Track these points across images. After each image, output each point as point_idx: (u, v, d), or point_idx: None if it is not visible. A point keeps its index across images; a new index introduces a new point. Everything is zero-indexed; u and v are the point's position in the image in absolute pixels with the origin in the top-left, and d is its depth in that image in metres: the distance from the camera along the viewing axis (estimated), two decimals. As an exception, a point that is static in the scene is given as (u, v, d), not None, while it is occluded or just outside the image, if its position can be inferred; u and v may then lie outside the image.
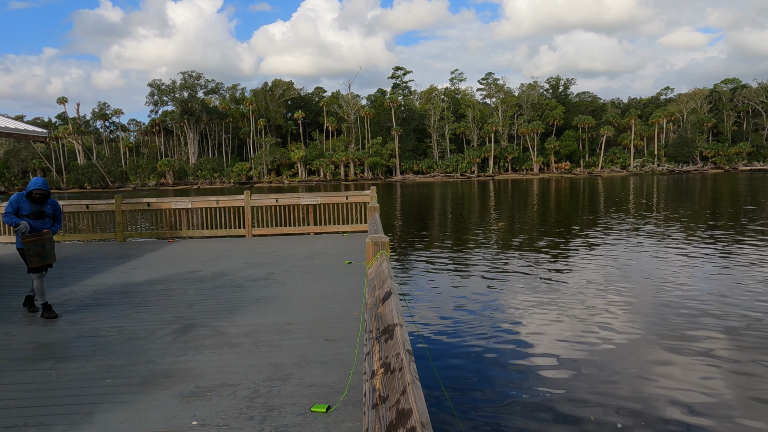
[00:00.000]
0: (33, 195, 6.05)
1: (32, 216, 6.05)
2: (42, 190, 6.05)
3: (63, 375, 4.23)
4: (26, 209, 6.04)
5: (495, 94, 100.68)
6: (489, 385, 6.39)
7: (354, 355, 4.43)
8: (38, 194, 6.05)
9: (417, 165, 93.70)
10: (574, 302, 9.84)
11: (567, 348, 7.50)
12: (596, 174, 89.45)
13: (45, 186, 6.12)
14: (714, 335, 7.83)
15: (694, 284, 11.00)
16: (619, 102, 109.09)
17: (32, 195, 6.05)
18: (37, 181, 6.10)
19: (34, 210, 6.07)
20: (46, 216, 6.19)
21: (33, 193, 6.06)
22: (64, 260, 9.67)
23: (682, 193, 40.20)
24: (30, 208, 6.05)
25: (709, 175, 77.39)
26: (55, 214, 6.33)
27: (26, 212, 6.04)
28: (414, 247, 17.08)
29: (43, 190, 6.06)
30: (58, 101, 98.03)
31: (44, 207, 6.15)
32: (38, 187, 6.07)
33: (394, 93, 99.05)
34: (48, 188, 6.15)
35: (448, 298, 10.53)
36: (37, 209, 6.09)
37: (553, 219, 24.82)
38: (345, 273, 7.92)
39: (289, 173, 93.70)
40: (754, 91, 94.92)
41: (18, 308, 6.36)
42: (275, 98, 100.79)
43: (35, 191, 6.06)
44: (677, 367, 6.74)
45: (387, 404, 1.46)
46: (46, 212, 6.18)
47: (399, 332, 1.85)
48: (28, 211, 6.05)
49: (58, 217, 6.37)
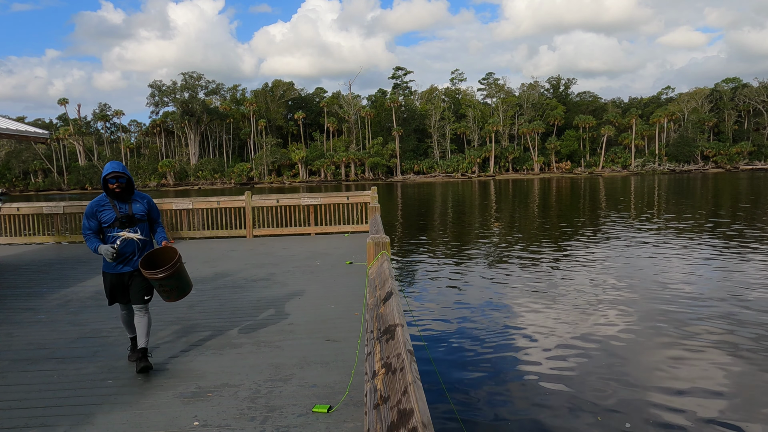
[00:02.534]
0: (112, 189, 4.24)
1: (119, 223, 4.25)
2: (119, 173, 4.20)
3: (65, 376, 4.24)
4: (109, 216, 4.24)
5: (495, 94, 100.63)
6: (491, 384, 6.39)
7: (355, 355, 4.43)
8: (118, 186, 4.24)
9: (418, 165, 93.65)
10: (576, 302, 9.83)
11: (570, 347, 7.49)
12: (597, 174, 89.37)
13: (123, 169, 4.25)
14: (721, 333, 7.82)
15: (697, 283, 10.99)
16: (619, 101, 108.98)
17: (111, 189, 4.25)
18: (112, 166, 4.22)
19: (120, 215, 4.25)
20: (138, 221, 4.34)
21: (110, 185, 4.23)
22: (66, 261, 9.67)
23: (683, 193, 40.15)
24: (114, 212, 4.25)
25: (710, 175, 77.29)
26: (150, 213, 4.48)
27: (110, 220, 4.23)
28: (415, 248, 17.07)
29: (121, 173, 4.21)
30: (59, 102, 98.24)
31: (132, 206, 4.33)
32: (115, 171, 4.19)
33: (394, 93, 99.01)
34: (128, 172, 4.31)
35: (450, 298, 10.53)
36: (123, 212, 4.28)
37: (554, 219, 24.80)
38: (346, 273, 7.92)
39: (289, 174, 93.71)
40: (755, 90, 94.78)
41: (19, 309, 6.36)
42: (276, 99, 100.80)
43: (111, 176, 4.19)
44: (682, 366, 6.73)
45: (388, 404, 1.46)
46: (136, 215, 4.32)
47: (400, 332, 1.85)
48: (112, 218, 4.23)
49: (156, 216, 4.56)
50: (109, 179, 4.20)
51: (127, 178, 4.25)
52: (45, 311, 6.21)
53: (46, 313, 6.14)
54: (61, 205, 12.16)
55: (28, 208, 12.11)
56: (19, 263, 9.40)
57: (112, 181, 4.20)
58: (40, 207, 12.16)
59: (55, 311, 6.20)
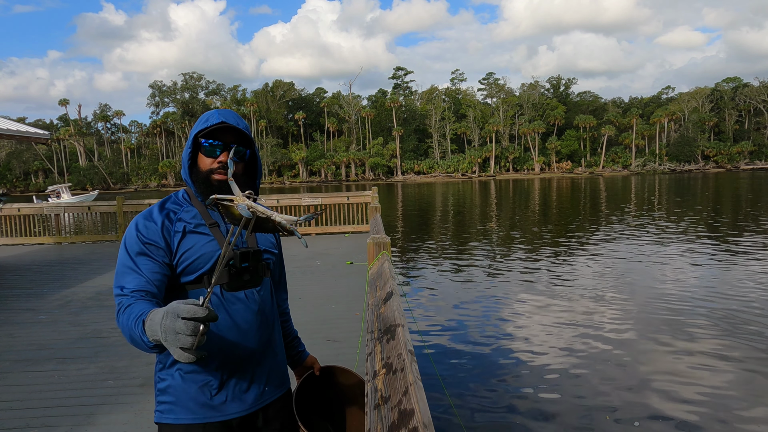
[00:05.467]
0: (214, 178, 1.56)
1: (228, 275, 1.52)
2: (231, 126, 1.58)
3: (65, 376, 4.24)
4: (203, 252, 1.53)
5: (496, 94, 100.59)
6: (492, 384, 6.38)
7: (356, 355, 4.43)
8: (219, 178, 1.56)
9: (418, 165, 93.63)
10: (578, 301, 9.83)
11: (572, 347, 7.48)
12: (598, 173, 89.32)
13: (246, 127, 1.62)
14: (723, 332, 7.81)
15: (699, 282, 10.98)
16: (620, 101, 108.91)
17: (210, 178, 1.56)
18: (221, 115, 1.58)
19: (240, 250, 1.52)
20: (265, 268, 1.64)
21: (210, 160, 1.57)
22: (66, 261, 9.67)
23: (684, 193, 40.14)
24: (213, 243, 1.55)
25: (710, 175, 77.25)
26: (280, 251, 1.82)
27: (203, 265, 1.52)
28: (416, 248, 17.07)
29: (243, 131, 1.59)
30: (60, 103, 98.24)
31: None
32: (226, 122, 1.55)
33: (394, 93, 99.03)
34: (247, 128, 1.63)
35: (450, 298, 10.52)
36: (242, 246, 1.56)
37: (554, 219, 24.79)
38: (346, 273, 7.92)
39: (290, 174, 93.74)
40: (756, 89, 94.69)
41: (20, 309, 6.36)
42: (276, 99, 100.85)
43: (215, 131, 1.56)
44: (687, 365, 6.73)
45: (389, 405, 1.46)
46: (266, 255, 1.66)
47: (401, 332, 1.85)
48: (210, 259, 1.53)
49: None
50: (207, 145, 1.58)
51: (252, 150, 1.67)
52: (46, 312, 6.21)
53: (46, 313, 6.14)
54: (61, 205, 12.19)
55: (29, 208, 12.12)
56: (19, 264, 9.40)
57: (215, 150, 1.58)
58: (41, 207, 12.17)
59: (55, 312, 6.20)
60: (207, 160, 1.58)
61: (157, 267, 1.47)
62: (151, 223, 1.52)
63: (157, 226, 1.52)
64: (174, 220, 1.55)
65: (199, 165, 1.60)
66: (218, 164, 1.57)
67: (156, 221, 1.53)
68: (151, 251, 1.48)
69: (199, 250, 1.53)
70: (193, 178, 1.60)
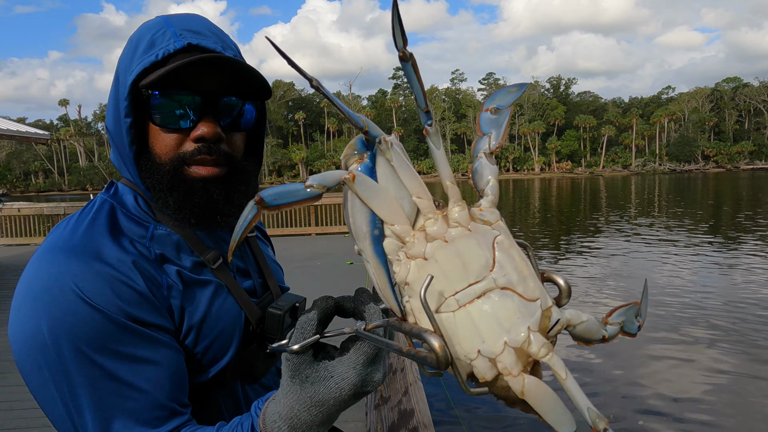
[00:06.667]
0: (200, 157, 0.80)
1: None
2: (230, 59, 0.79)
3: (65, 376, 4.23)
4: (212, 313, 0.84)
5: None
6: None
7: (356, 355, 4.42)
8: (202, 173, 0.81)
9: (418, 165, 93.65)
10: (578, 301, 9.83)
11: (572, 346, 7.48)
12: (598, 174, 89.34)
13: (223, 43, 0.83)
14: (724, 332, 7.81)
15: (700, 282, 10.98)
16: (620, 101, 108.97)
17: (188, 180, 0.80)
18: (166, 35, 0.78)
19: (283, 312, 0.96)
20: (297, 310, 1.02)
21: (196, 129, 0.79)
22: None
23: (684, 192, 40.15)
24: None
25: (710, 175, 77.27)
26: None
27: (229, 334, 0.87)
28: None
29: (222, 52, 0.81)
30: (60, 103, 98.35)
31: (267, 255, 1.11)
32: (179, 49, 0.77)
33: (395, 94, 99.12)
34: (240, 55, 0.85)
35: (450, 298, 10.50)
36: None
37: (554, 218, 24.79)
38: (347, 274, 7.92)
39: (290, 174, 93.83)
40: (756, 89, 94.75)
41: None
42: (276, 99, 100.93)
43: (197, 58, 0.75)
44: (690, 364, 6.73)
45: (389, 405, 1.46)
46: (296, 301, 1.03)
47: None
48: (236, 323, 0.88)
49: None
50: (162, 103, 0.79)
51: (259, 106, 0.92)
52: (46, 312, 6.19)
53: (47, 313, 6.13)
54: (62, 205, 12.17)
55: (29, 208, 12.11)
56: (19, 264, 9.39)
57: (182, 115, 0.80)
58: (41, 208, 12.16)
59: None
60: (167, 136, 0.81)
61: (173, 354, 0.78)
62: (115, 272, 0.74)
63: (133, 279, 0.75)
64: (154, 259, 0.79)
65: (151, 145, 0.82)
66: (197, 144, 0.81)
67: (126, 269, 0.75)
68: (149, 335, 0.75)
69: (216, 317, 0.84)
70: (145, 171, 0.82)
